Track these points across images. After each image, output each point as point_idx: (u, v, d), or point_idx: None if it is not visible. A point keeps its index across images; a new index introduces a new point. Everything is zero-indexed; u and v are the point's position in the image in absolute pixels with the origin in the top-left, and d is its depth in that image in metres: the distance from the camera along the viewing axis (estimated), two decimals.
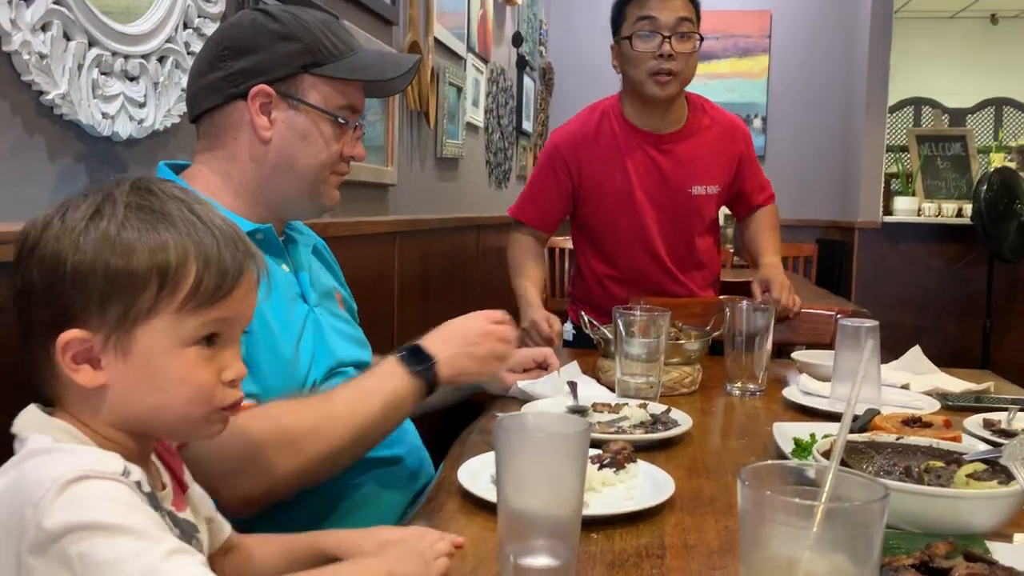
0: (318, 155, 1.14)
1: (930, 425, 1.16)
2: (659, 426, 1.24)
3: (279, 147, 1.12)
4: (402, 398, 1.07)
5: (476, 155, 3.92)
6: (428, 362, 1.09)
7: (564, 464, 0.70)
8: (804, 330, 2.01)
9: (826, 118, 5.77)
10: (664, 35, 1.93)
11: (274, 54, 1.10)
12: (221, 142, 1.14)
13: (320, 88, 1.12)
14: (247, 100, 1.09)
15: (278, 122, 1.11)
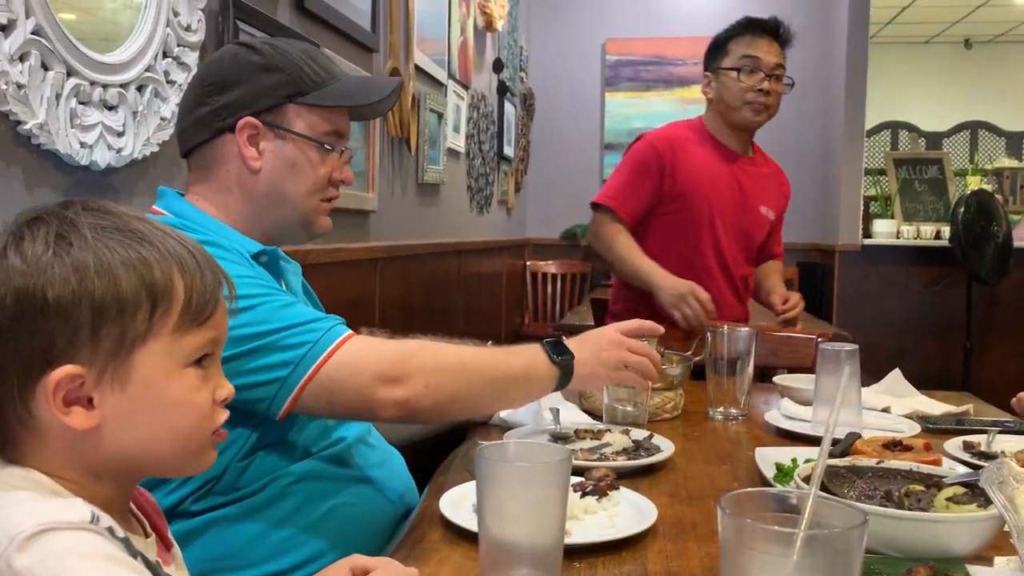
0: (307, 182, 1.16)
1: (911, 448, 1.17)
2: (642, 452, 1.24)
3: (269, 176, 1.14)
4: (539, 376, 1.16)
5: (457, 180, 3.94)
6: (568, 355, 1.17)
7: (545, 493, 0.70)
8: (785, 354, 2.02)
9: (805, 142, 5.83)
10: (765, 73, 2.31)
11: (258, 86, 1.12)
12: (213, 174, 1.15)
13: (305, 116, 1.14)
14: (235, 132, 1.12)
15: (266, 152, 1.13)
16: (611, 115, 6.06)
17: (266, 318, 1.00)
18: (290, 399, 1.00)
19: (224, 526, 1.03)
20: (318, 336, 1.01)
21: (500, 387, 1.14)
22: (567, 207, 6.09)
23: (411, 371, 1.04)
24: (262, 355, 0.99)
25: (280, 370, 0.99)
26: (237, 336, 0.97)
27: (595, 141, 6.11)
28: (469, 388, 1.11)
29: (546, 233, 6.16)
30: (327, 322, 1.04)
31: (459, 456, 1.26)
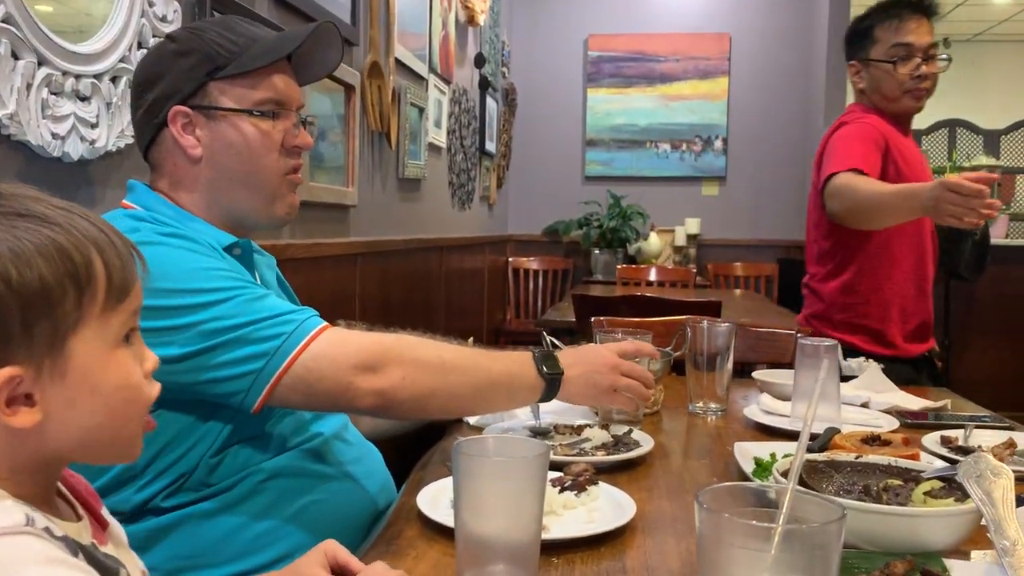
0: (253, 158, 1.13)
1: (889, 443, 1.17)
2: (621, 447, 1.24)
3: (211, 161, 1.12)
4: (524, 386, 1.15)
5: (439, 176, 3.92)
6: (557, 371, 1.16)
7: (522, 488, 0.69)
8: (764, 349, 2.02)
9: (785, 139, 5.86)
10: (920, 57, 2.13)
11: (177, 73, 1.10)
12: (165, 171, 1.15)
13: (230, 90, 1.11)
14: (169, 125, 1.10)
15: (203, 137, 1.11)
16: (593, 111, 6.06)
17: (239, 311, 0.98)
18: (265, 391, 0.98)
19: (196, 522, 1.02)
20: (293, 327, 1.00)
21: (481, 390, 1.13)
22: (549, 203, 6.09)
23: (389, 361, 1.03)
24: (235, 348, 0.97)
25: (254, 362, 0.97)
26: (209, 329, 0.96)
27: (577, 137, 6.11)
28: (448, 386, 1.09)
29: (528, 229, 6.16)
30: (302, 314, 1.03)
31: (437, 452, 1.25)
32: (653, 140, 6.03)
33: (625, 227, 5.73)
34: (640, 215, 5.81)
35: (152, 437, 0.98)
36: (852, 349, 2.05)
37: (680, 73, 5.95)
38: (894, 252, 2.13)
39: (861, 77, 2.25)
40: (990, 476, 0.67)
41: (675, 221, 5.93)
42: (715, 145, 5.97)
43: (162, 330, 0.95)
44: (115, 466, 0.98)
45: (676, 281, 5.12)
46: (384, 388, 1.02)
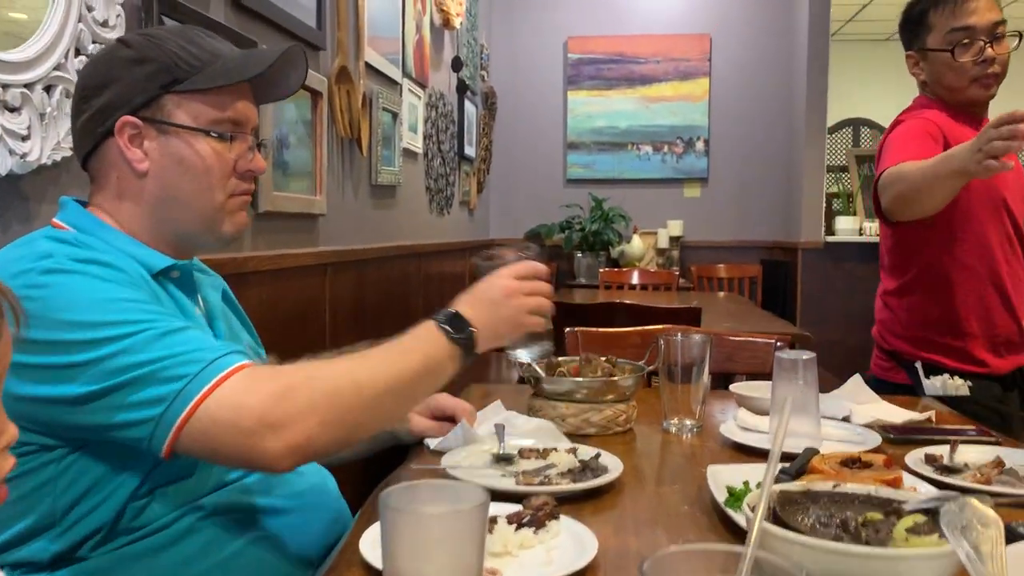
0: (202, 178, 1.06)
1: (870, 465, 1.11)
2: (588, 473, 1.16)
3: (157, 177, 1.05)
4: (441, 364, 1.05)
5: (415, 181, 3.84)
6: (467, 329, 1.07)
7: (458, 544, 0.62)
8: (743, 359, 1.96)
9: (767, 140, 5.82)
10: (983, 40, 1.87)
11: (130, 81, 1.03)
12: (106, 183, 1.07)
13: (187, 106, 1.04)
14: (115, 135, 1.03)
15: (152, 151, 1.04)
16: (574, 114, 6.00)
17: (146, 347, 0.88)
18: (168, 441, 0.87)
19: (126, 566, 0.94)
20: (198, 369, 0.88)
21: (403, 393, 1.01)
22: (531, 207, 6.03)
23: (300, 410, 0.89)
24: (137, 389, 0.87)
25: (154, 407, 0.87)
26: (112, 368, 0.87)
27: (558, 140, 6.04)
28: (370, 408, 0.97)
29: (510, 233, 6.08)
30: (212, 352, 0.91)
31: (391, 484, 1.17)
32: (634, 142, 5.98)
33: (607, 230, 5.67)
34: (622, 218, 5.76)
35: (69, 483, 0.90)
36: (937, 367, 1.89)
37: (660, 74, 5.90)
38: (962, 258, 1.89)
39: (920, 69, 1.99)
40: (977, 527, 0.60)
41: (657, 223, 5.88)
42: (697, 147, 5.92)
43: (63, 367, 0.87)
44: (28, 515, 0.90)
45: (659, 284, 5.06)
46: (300, 443, 0.89)
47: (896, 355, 1.95)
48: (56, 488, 0.91)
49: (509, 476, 1.16)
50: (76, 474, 0.91)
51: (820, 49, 5.17)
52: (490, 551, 0.89)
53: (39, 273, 0.89)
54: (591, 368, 1.52)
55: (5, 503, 0.74)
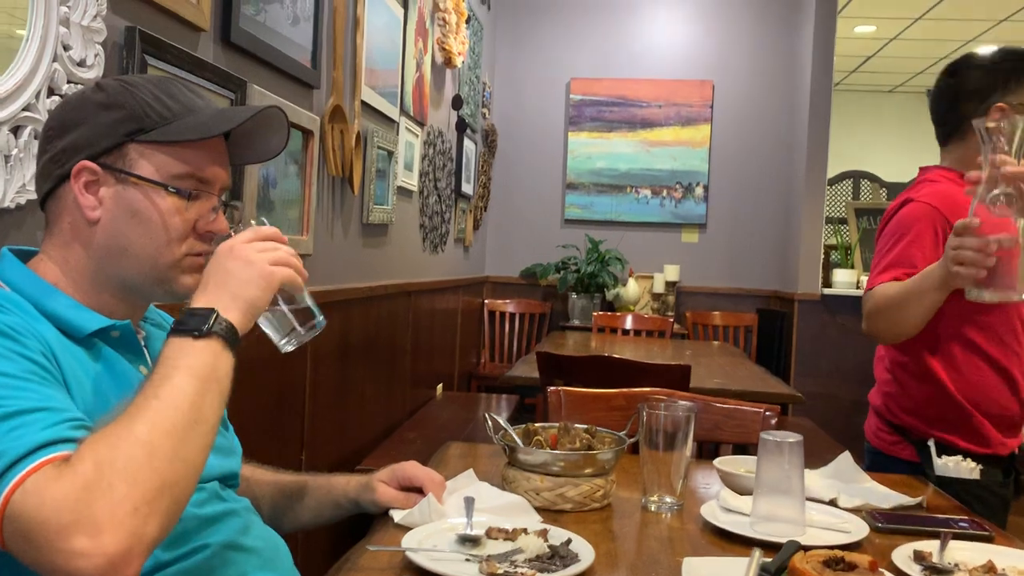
0: (155, 233, 1.00)
1: (855, 567, 1.04)
2: (556, 561, 1.10)
3: (108, 227, 1.00)
4: (206, 363, 0.88)
5: (408, 219, 3.80)
6: (208, 316, 0.91)
7: None
8: (731, 428, 1.90)
9: (767, 189, 5.80)
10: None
11: (96, 126, 0.99)
12: (57, 228, 1.02)
13: (152, 158, 1.00)
14: (71, 179, 0.99)
15: (106, 199, 0.99)
16: (574, 154, 5.98)
17: None
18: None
19: None
20: (8, 462, 0.76)
21: (198, 421, 0.85)
22: (528, 245, 5.99)
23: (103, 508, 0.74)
24: None
25: None
26: None
27: (557, 180, 6.02)
28: (175, 460, 0.81)
29: (506, 271, 6.04)
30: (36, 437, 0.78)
31: (346, 565, 1.11)
32: (634, 185, 5.95)
33: (603, 272, 5.63)
34: (619, 260, 5.72)
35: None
36: (950, 447, 1.79)
37: (662, 119, 5.89)
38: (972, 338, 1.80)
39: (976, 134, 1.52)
40: None
41: (654, 267, 5.84)
42: (696, 192, 5.90)
43: None
44: None
45: (653, 330, 5.01)
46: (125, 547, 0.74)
47: (904, 431, 1.87)
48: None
49: (473, 561, 1.10)
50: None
51: (822, 99, 5.17)
52: None
53: None
54: (570, 438, 1.46)
55: None
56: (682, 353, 3.92)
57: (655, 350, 4.04)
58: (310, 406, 2.56)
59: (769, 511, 1.30)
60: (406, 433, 3.40)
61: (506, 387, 4.16)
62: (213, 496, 1.06)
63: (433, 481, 1.31)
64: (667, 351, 4.01)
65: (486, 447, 1.76)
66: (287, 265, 0.99)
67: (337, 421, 2.84)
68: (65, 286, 1.00)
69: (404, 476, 1.32)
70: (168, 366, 0.87)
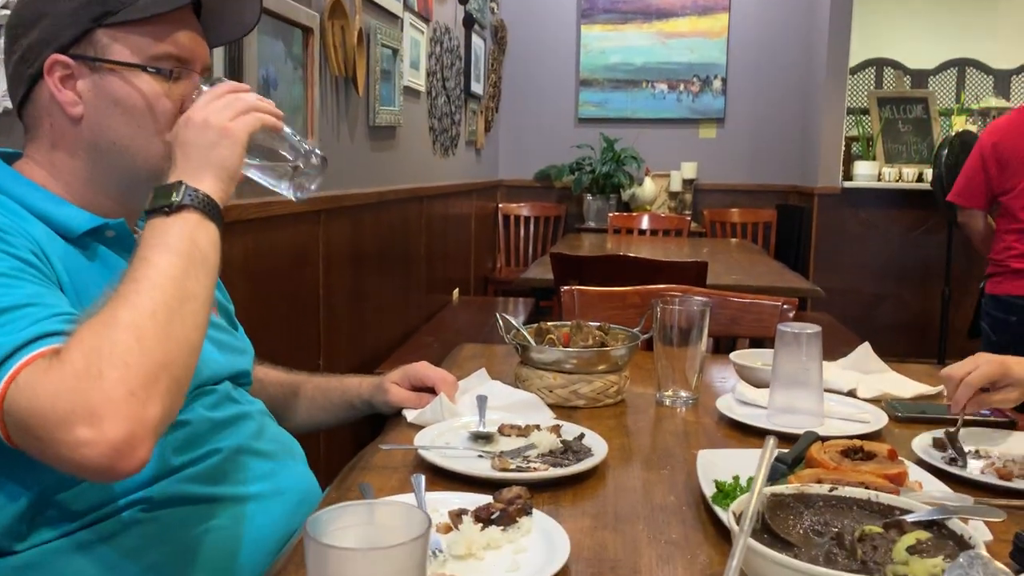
0: (143, 120, 0.95)
1: (873, 456, 1.02)
2: (569, 456, 1.09)
3: (92, 121, 0.95)
4: (185, 238, 0.84)
5: (417, 122, 3.71)
6: (175, 189, 0.86)
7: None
8: (748, 322, 1.87)
9: (787, 80, 5.61)
10: None
11: (58, 16, 0.92)
12: (39, 132, 0.98)
13: (123, 39, 0.94)
14: (45, 77, 0.93)
15: (85, 92, 0.94)
16: (587, 49, 5.79)
17: None
18: (4, 440, 0.75)
19: (64, 559, 0.87)
20: None
21: (182, 299, 0.80)
22: (541, 147, 5.88)
23: (98, 394, 0.72)
24: None
25: None
26: None
27: (570, 77, 5.85)
28: (164, 341, 0.77)
29: (519, 174, 5.95)
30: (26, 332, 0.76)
31: (359, 464, 1.10)
32: (649, 80, 5.78)
33: (618, 172, 5.53)
34: (634, 159, 5.60)
35: None
36: None
37: (678, 8, 5.67)
38: None
39: None
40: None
41: (671, 165, 5.72)
42: (714, 85, 5.72)
43: None
44: None
45: (670, 229, 4.94)
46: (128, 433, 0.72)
47: None
48: None
49: (486, 457, 1.09)
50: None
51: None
52: (453, 554, 0.83)
53: None
54: (582, 336, 1.44)
55: None
56: (699, 251, 3.87)
57: (672, 249, 3.99)
58: (324, 312, 2.55)
59: (786, 403, 1.28)
60: (423, 338, 3.41)
61: (522, 290, 4.14)
62: (225, 398, 1.05)
63: (445, 381, 1.30)
64: (684, 250, 3.96)
65: (500, 348, 1.74)
66: (253, 111, 0.93)
67: (353, 327, 2.85)
68: (55, 188, 0.96)
69: (416, 376, 1.31)
70: (145, 247, 0.83)
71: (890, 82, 5.75)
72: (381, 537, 0.57)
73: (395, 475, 1.05)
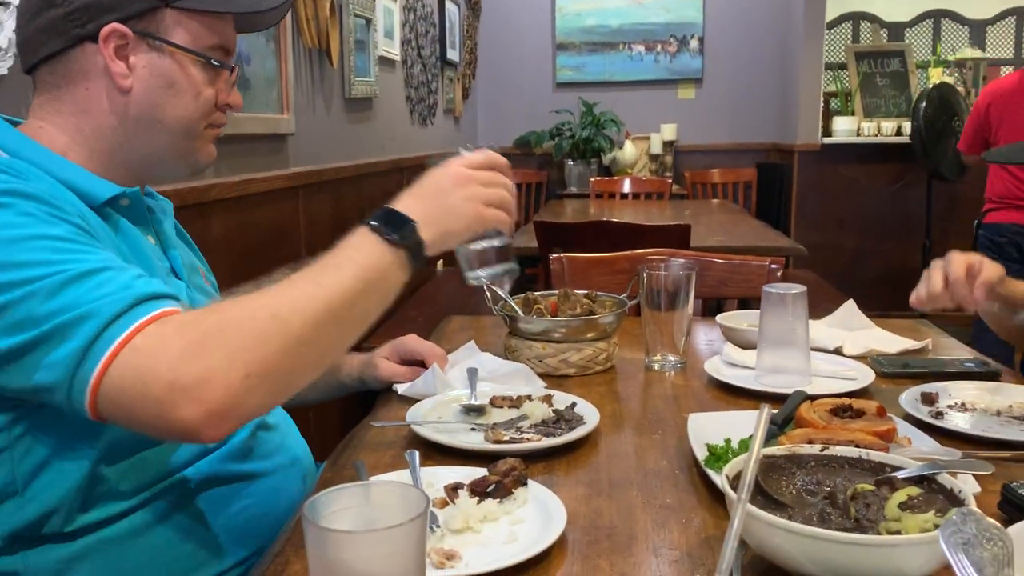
0: (189, 105, 0.96)
1: (862, 413, 1.03)
2: (562, 425, 1.09)
3: (142, 97, 0.94)
4: (381, 272, 0.85)
5: (394, 92, 3.67)
6: (406, 225, 0.87)
7: (392, 561, 0.55)
8: (737, 283, 1.88)
9: (763, 37, 5.58)
10: None
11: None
12: (68, 94, 0.94)
13: (187, 25, 0.94)
14: (98, 43, 0.91)
15: (138, 68, 0.93)
16: (562, 12, 5.74)
17: (49, 295, 0.75)
18: (88, 407, 0.75)
19: (109, 548, 0.88)
20: (101, 326, 0.74)
21: (341, 320, 0.82)
22: (520, 113, 5.83)
23: (216, 366, 0.73)
24: (45, 348, 0.75)
25: (61, 370, 0.75)
26: (18, 319, 0.75)
27: (547, 41, 5.80)
28: (303, 347, 0.79)
29: (499, 141, 5.90)
30: (119, 302, 0.76)
31: (352, 441, 1.10)
32: (626, 42, 5.74)
33: (599, 136, 5.50)
34: (614, 123, 5.58)
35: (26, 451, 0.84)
36: None
37: None
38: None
39: None
40: (983, 543, 0.53)
41: (651, 127, 5.70)
42: (691, 45, 5.69)
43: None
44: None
45: (651, 192, 4.94)
46: (222, 406, 0.73)
47: None
48: (14, 456, 0.84)
49: (479, 430, 1.09)
50: (31, 442, 0.83)
51: None
52: (450, 528, 0.83)
53: None
54: (570, 304, 1.44)
55: None
56: (681, 213, 3.87)
57: (654, 212, 3.99)
58: None
59: (774, 363, 1.29)
60: (408, 312, 3.40)
61: None
62: None
63: (434, 353, 1.29)
64: (666, 212, 3.96)
65: (488, 319, 1.74)
66: (501, 207, 0.96)
67: None
68: (76, 155, 0.95)
69: (405, 350, 1.30)
70: (343, 257, 0.84)
71: (867, 36, 5.74)
72: (379, 517, 0.57)
73: (388, 452, 1.05)
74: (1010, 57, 5.66)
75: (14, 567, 0.85)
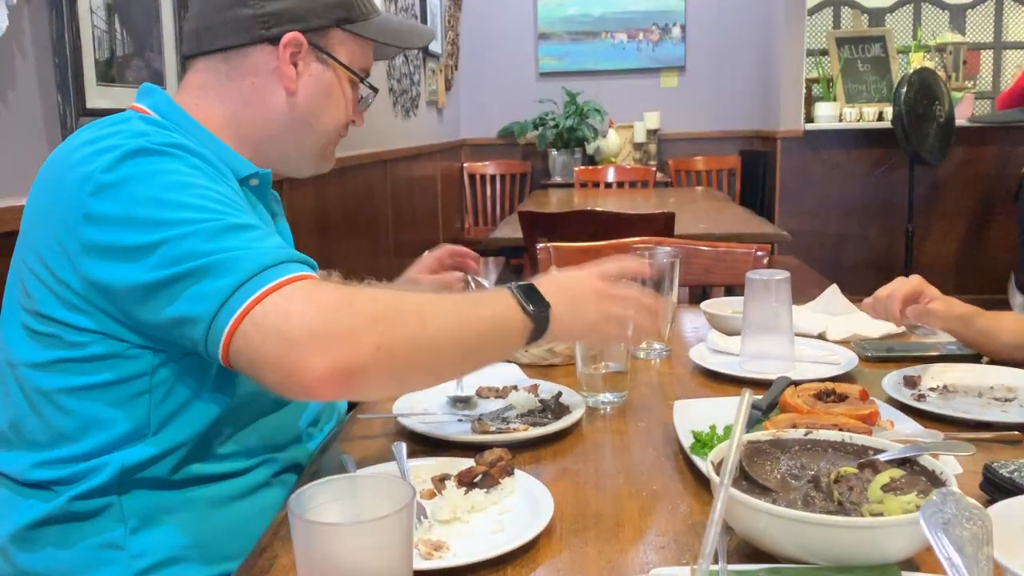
0: (337, 115, 1.08)
1: (845, 397, 1.04)
2: (548, 415, 1.10)
3: (303, 102, 1.04)
4: (511, 330, 0.90)
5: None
6: (543, 306, 0.92)
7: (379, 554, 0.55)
8: (722, 270, 1.88)
9: (746, 23, 5.59)
10: None
11: (314, 3, 1.02)
12: (233, 83, 1.03)
13: (348, 46, 1.06)
14: (277, 46, 1.01)
15: (304, 75, 1.03)
16: (544, 2, 5.73)
17: (211, 236, 0.81)
18: (222, 344, 0.79)
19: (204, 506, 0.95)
20: (257, 268, 0.79)
21: (469, 345, 0.87)
22: (503, 103, 5.82)
23: (356, 326, 0.78)
24: (196, 279, 0.80)
25: (210, 302, 0.79)
26: (176, 253, 0.80)
27: (529, 31, 5.79)
28: (432, 349, 0.83)
29: (483, 132, 5.90)
30: (276, 255, 0.81)
31: (338, 434, 1.10)
32: (608, 30, 5.73)
33: (582, 126, 5.50)
34: (597, 112, 5.58)
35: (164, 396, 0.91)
36: None
37: None
38: None
39: None
40: (963, 523, 0.54)
41: (634, 116, 5.70)
42: (673, 33, 5.69)
43: (132, 248, 0.82)
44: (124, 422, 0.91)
45: (636, 181, 4.94)
46: (347, 364, 0.76)
47: None
48: (152, 400, 0.91)
49: (466, 421, 1.09)
50: (170, 388, 0.91)
51: None
52: (438, 519, 0.83)
53: (131, 150, 0.86)
54: None
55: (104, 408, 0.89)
56: (666, 201, 3.88)
57: (638, 201, 4.00)
58: None
59: (758, 349, 1.30)
60: None
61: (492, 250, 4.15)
62: None
63: (461, 252, 1.39)
64: (650, 201, 3.97)
65: None
66: (620, 327, 0.99)
67: None
68: (225, 135, 1.02)
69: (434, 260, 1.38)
70: (484, 299, 0.93)
71: (848, 21, 5.76)
72: (366, 510, 0.57)
73: (375, 444, 1.05)
74: (990, 41, 5.70)
75: (112, 500, 0.92)
